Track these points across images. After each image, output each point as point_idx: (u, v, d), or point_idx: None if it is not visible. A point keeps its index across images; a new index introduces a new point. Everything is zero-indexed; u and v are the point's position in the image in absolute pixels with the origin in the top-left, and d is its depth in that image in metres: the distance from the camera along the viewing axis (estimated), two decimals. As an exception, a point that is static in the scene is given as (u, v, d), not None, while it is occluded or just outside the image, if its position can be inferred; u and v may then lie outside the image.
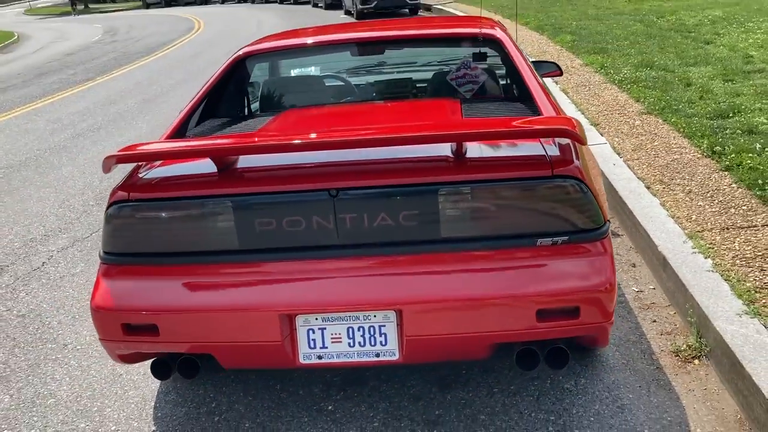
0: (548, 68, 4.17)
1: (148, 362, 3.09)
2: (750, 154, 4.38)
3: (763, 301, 2.88)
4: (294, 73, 4.08)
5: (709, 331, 2.81)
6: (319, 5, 26.66)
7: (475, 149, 2.32)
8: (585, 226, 2.25)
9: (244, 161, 2.39)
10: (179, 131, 2.99)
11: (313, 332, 2.33)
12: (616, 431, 2.49)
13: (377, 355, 2.34)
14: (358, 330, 2.32)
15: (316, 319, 2.32)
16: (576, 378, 2.81)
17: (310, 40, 3.44)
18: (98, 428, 2.78)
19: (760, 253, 3.27)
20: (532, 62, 3.59)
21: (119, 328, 2.38)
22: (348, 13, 21.77)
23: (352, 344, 2.33)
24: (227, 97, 3.40)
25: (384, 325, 2.30)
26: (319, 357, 2.35)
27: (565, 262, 2.24)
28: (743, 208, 3.78)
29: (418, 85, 3.60)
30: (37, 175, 6.62)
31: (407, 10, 20.00)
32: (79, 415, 2.88)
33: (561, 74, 4.25)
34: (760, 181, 3.95)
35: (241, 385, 2.95)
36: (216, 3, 41.15)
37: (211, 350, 2.39)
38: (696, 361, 2.83)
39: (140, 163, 2.57)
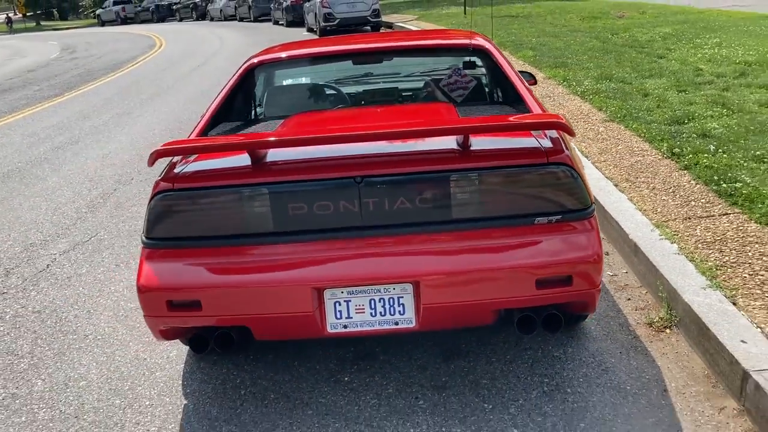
0: (524, 77, 4.56)
1: (170, 348, 3.38)
2: (705, 155, 4.85)
3: (723, 276, 3.29)
4: (289, 82, 4.37)
5: (678, 303, 3.19)
6: (281, 23, 26.96)
7: (478, 142, 2.65)
8: (574, 206, 2.61)
9: (275, 155, 2.69)
10: (204, 133, 3.27)
11: (340, 304, 2.63)
12: (603, 388, 2.85)
13: (396, 323, 2.65)
14: (379, 301, 2.63)
15: (342, 292, 2.62)
16: (564, 347, 3.16)
17: (316, 50, 3.77)
18: (133, 403, 3.02)
19: (718, 238, 3.69)
20: None
21: (164, 305, 2.64)
22: (310, 30, 22.13)
23: (374, 314, 2.64)
24: (238, 102, 3.70)
25: (402, 297, 2.62)
26: (345, 326, 2.66)
27: (559, 237, 2.60)
28: (702, 201, 4.22)
29: (414, 91, 3.95)
30: (23, 186, 6.76)
31: (369, 28, 20.46)
32: (112, 393, 3.11)
33: (535, 83, 4.65)
34: (715, 177, 4.41)
35: (261, 363, 3.22)
36: (173, 20, 41.11)
37: (248, 322, 2.67)
38: (667, 330, 3.21)
39: (175, 160, 2.86)
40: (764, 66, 7.95)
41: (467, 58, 3.74)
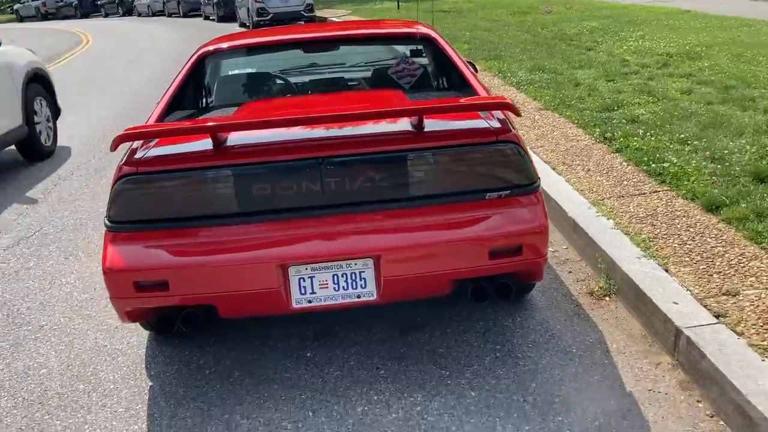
0: None
1: (131, 334, 3.43)
2: (635, 138, 5.16)
3: (656, 247, 3.55)
4: (241, 71, 4.41)
5: (616, 272, 3.44)
6: (211, 18, 26.60)
7: (431, 124, 2.80)
8: (522, 181, 2.80)
9: (237, 139, 2.77)
10: (160, 121, 3.32)
11: (304, 280, 2.75)
12: (551, 352, 3.06)
13: (358, 296, 2.78)
14: (342, 276, 2.75)
15: (306, 268, 2.73)
16: (513, 317, 3.36)
17: (268, 39, 3.85)
18: (97, 387, 3.06)
19: (650, 213, 3.97)
20: None
21: (131, 287, 2.70)
22: (243, 25, 21.95)
23: (337, 288, 2.76)
24: (192, 91, 3.75)
25: (363, 271, 2.75)
26: (309, 301, 2.77)
27: (508, 211, 2.78)
28: (633, 180, 4.51)
29: (364, 79, 4.07)
30: (-43, 183, 6.56)
31: (302, 23, 20.46)
32: (75, 379, 3.14)
33: (476, 72, 4.84)
34: (645, 159, 4.72)
35: (224, 344, 3.30)
36: (98, 16, 39.90)
37: (215, 301, 2.75)
38: (607, 298, 3.45)
39: (135, 145, 2.90)
40: (684, 57, 8.42)
41: (413, 46, 3.90)
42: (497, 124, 2.83)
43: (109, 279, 2.72)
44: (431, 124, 2.79)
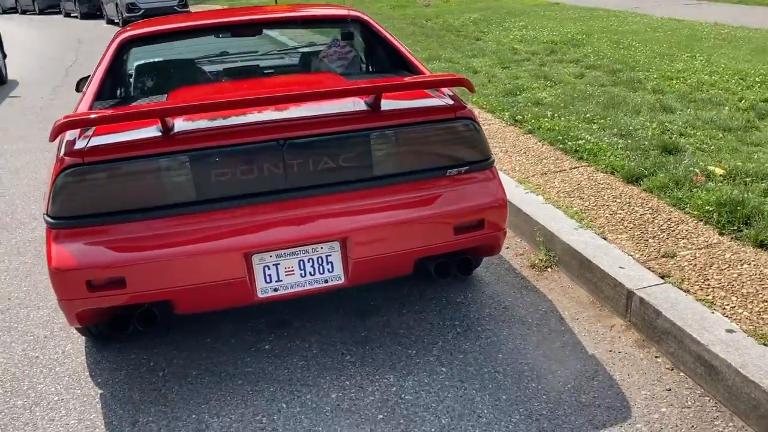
0: None
1: (65, 342, 3.20)
2: (545, 119, 5.37)
3: (589, 218, 3.72)
4: (166, 57, 4.15)
5: (557, 244, 3.57)
6: (73, 15, 25.11)
7: (390, 104, 2.78)
8: (478, 157, 2.84)
9: (187, 124, 2.63)
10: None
11: (269, 268, 2.65)
12: (509, 324, 3.13)
13: (326, 281, 2.72)
14: (308, 261, 2.68)
15: (270, 256, 2.64)
16: (464, 294, 3.41)
17: (192, 23, 3.66)
18: (39, 402, 2.81)
19: (575, 187, 4.15)
20: None
21: (83, 286, 2.49)
22: (111, 22, 20.86)
23: (303, 274, 2.69)
24: (116, 80, 3.51)
25: (330, 255, 2.70)
26: (275, 289, 2.68)
27: (470, 186, 2.82)
28: (552, 158, 4.69)
29: (296, 65, 3.97)
30: None
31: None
32: (10, 395, 2.86)
33: None
34: (559, 137, 4.92)
35: (173, 344, 3.13)
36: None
37: (175, 295, 2.59)
38: (549, 269, 3.58)
39: (70, 137, 2.66)
40: (568, 44, 8.87)
41: (347, 30, 3.85)
42: (452, 102, 2.85)
43: (57, 279, 2.50)
44: (389, 104, 2.77)
